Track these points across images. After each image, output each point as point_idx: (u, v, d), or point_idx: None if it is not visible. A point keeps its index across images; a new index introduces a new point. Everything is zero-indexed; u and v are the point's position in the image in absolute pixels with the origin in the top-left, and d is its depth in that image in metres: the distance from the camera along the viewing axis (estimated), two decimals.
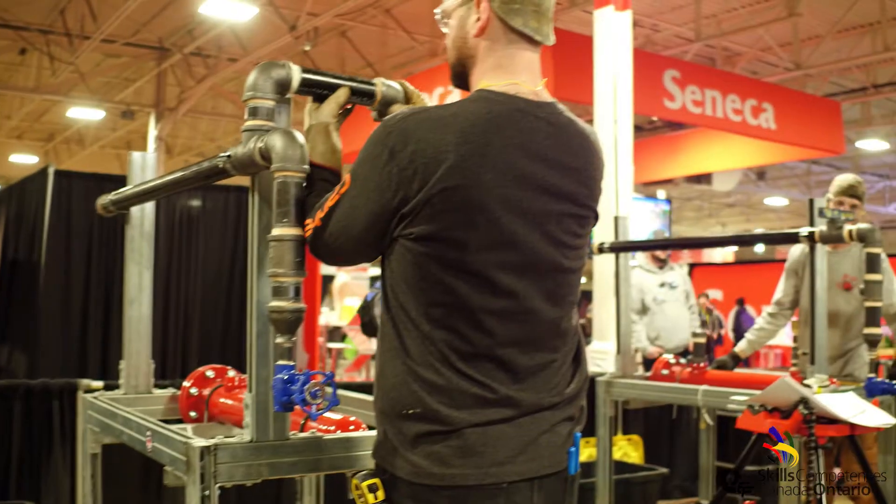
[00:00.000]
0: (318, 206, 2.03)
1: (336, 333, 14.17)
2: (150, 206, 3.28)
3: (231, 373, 3.20)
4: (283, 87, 2.20)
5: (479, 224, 1.87)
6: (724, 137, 15.86)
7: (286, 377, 2.00)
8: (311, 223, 2.03)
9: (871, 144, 21.38)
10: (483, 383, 1.90)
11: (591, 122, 9.08)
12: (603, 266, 8.26)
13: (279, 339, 2.06)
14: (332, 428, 2.41)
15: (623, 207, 8.42)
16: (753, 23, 14.55)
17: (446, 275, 1.89)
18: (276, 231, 2.05)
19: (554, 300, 2.01)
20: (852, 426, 3.37)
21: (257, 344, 2.21)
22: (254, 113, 2.16)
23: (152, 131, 18.28)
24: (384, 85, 2.36)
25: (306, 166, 2.07)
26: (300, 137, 2.08)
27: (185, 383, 3.18)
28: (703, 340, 5.19)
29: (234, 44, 15.52)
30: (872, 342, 4.15)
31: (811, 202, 4.28)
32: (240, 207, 7.69)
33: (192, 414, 3.15)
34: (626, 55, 8.67)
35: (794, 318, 5.45)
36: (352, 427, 2.44)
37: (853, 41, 15.57)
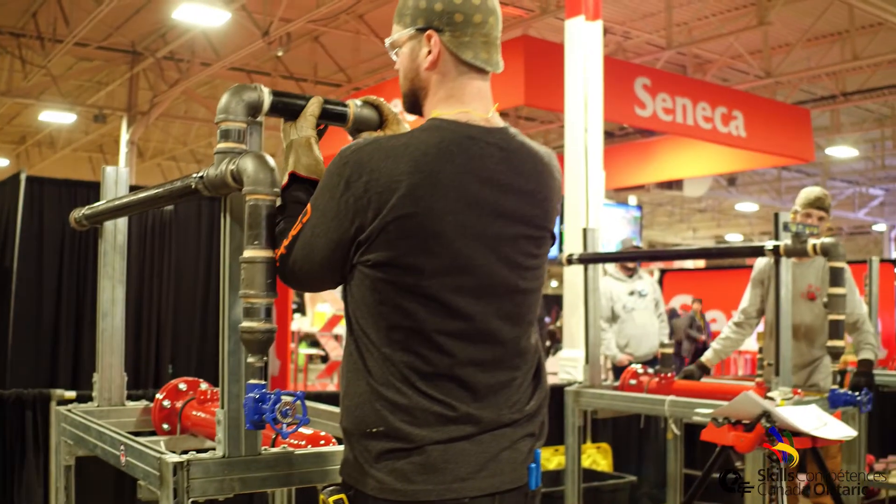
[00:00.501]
0: (283, 235, 2.09)
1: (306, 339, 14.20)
2: (122, 221, 3.31)
3: (203, 385, 3.22)
4: (254, 109, 2.23)
5: (433, 250, 1.93)
6: (695, 144, 15.98)
7: (257, 396, 2.04)
8: (278, 251, 2.09)
9: (841, 151, 21.62)
10: (444, 402, 1.95)
11: (561, 128, 9.17)
12: (573, 275, 8.34)
13: (251, 359, 2.10)
14: (303, 443, 2.46)
15: (593, 218, 8.50)
16: (724, 31, 14.69)
17: (404, 299, 1.94)
18: (248, 253, 2.08)
19: (513, 320, 2.06)
20: (814, 439, 3.44)
21: (229, 362, 2.25)
22: (226, 135, 2.20)
23: (124, 135, 18.23)
24: (357, 105, 2.40)
25: (277, 189, 2.11)
26: (271, 161, 2.12)
27: (158, 396, 3.20)
28: (670, 351, 5.24)
29: (207, 48, 15.53)
30: (835, 354, 4.22)
31: (776, 216, 4.35)
32: (213, 214, 7.70)
33: (165, 426, 3.17)
34: (596, 65, 8.75)
35: (759, 329, 5.53)
36: (322, 442, 2.48)
37: (823, 50, 15.75)
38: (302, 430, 2.47)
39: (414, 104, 2.18)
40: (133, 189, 3.30)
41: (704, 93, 14.23)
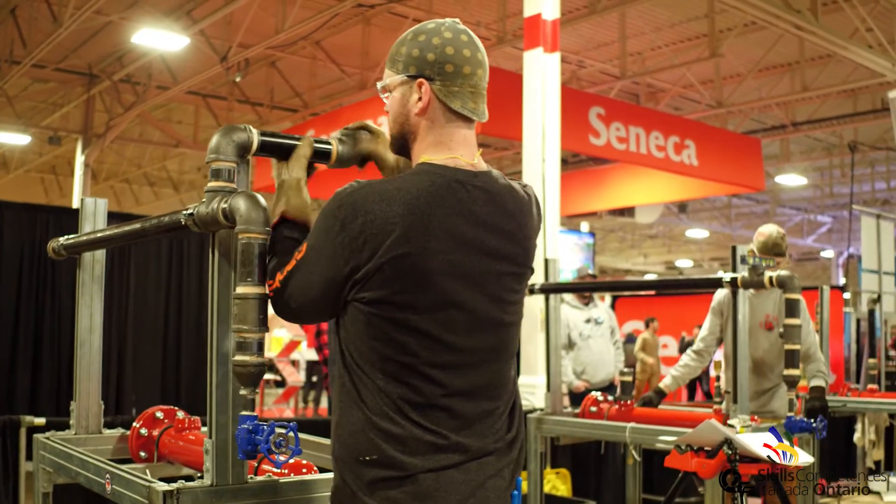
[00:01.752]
0: (278, 268, 2.18)
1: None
2: (101, 251, 3.37)
3: (180, 414, 3.28)
4: (244, 149, 2.31)
5: (425, 287, 2.03)
6: (648, 172, 16.15)
7: (250, 427, 2.11)
8: (273, 284, 2.18)
9: (790, 179, 21.99)
10: (435, 431, 2.05)
11: (515, 154, 9.28)
12: (530, 301, 8.43)
13: (243, 391, 2.17)
14: (286, 471, 2.53)
15: (551, 247, 8.58)
16: (677, 62, 14.93)
17: (397, 334, 2.04)
18: (241, 290, 2.15)
19: (497, 353, 2.17)
20: (773, 464, 3.57)
21: (217, 393, 2.30)
22: (216, 174, 2.27)
23: (79, 157, 18.13)
24: (339, 141, 2.48)
25: (269, 228, 2.19)
26: (262, 200, 2.20)
27: (135, 424, 3.25)
28: (629, 378, 5.35)
29: (164, 71, 15.51)
30: (791, 383, 4.36)
31: (734, 250, 4.50)
32: (171, 244, 7.73)
33: (143, 454, 3.22)
34: (554, 97, 8.84)
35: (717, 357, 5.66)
36: (304, 470, 2.56)
37: (773, 80, 16.06)
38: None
39: (402, 147, 2.28)
40: (112, 217, 3.38)
41: (657, 122, 14.44)
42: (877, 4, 12.52)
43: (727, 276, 4.48)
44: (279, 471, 2.51)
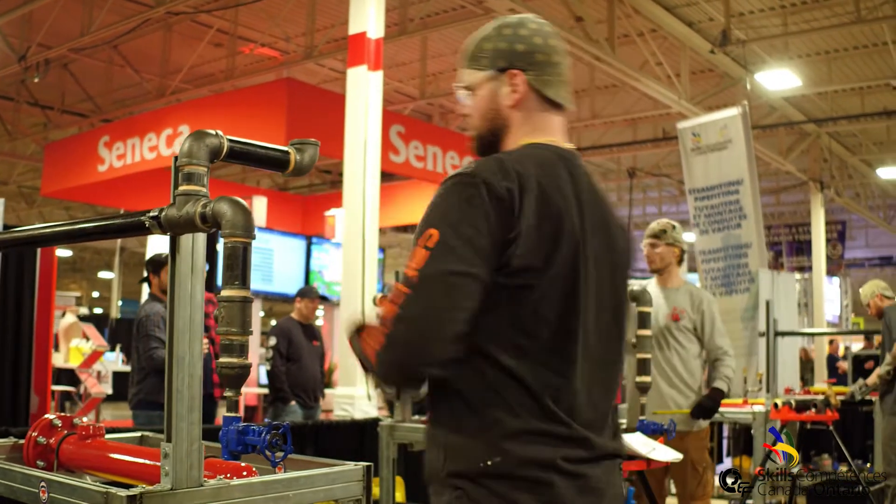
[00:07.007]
0: (390, 287, 2.12)
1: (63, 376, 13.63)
2: None
3: (77, 421, 3.22)
4: (215, 154, 2.34)
5: (562, 250, 1.96)
6: (433, 190, 16.43)
7: (240, 428, 2.14)
8: (392, 309, 2.05)
9: None
10: (563, 422, 1.95)
11: (340, 175, 9.28)
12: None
13: (228, 393, 2.21)
14: (229, 475, 2.55)
15: (370, 265, 8.68)
16: None
17: (532, 307, 1.94)
18: (227, 292, 2.19)
19: (615, 343, 2.14)
20: (648, 461, 3.82)
21: (177, 399, 2.32)
22: (189, 178, 2.28)
23: None
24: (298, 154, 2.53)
25: (253, 233, 2.22)
26: (246, 205, 2.23)
27: (32, 433, 3.16)
28: None
29: None
30: (643, 389, 4.63)
31: None
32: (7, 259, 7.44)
33: (40, 463, 3.14)
34: (376, 114, 8.91)
35: None
36: (245, 473, 2.59)
37: None
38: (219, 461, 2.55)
39: (491, 144, 2.20)
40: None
41: (454, 142, 14.76)
42: (665, 40, 13.23)
43: None
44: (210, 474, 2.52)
